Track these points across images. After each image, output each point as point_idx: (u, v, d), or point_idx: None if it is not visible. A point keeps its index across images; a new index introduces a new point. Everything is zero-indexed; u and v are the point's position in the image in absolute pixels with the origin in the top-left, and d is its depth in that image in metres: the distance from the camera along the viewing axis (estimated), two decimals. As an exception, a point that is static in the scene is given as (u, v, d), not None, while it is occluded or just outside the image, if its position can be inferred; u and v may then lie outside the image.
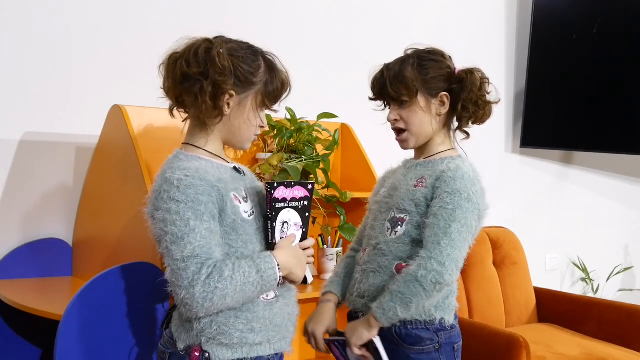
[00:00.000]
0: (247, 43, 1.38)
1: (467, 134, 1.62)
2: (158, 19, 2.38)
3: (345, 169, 2.48)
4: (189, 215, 1.23)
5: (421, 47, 1.61)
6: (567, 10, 3.45)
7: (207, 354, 1.29)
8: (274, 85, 1.37)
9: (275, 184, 1.35)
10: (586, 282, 3.73)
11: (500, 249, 2.85)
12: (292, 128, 2.19)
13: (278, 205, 1.36)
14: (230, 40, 1.37)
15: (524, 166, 3.59)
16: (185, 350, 1.31)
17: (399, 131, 1.59)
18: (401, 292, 1.43)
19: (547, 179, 3.68)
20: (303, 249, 1.40)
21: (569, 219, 3.73)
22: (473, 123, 1.60)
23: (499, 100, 1.60)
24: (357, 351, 1.49)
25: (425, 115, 1.55)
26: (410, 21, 3.11)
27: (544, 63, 3.44)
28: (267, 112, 1.44)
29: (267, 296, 1.34)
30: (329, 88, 2.82)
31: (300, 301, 1.52)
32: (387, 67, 1.58)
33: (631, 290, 3.92)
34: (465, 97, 1.54)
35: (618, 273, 3.78)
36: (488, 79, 1.58)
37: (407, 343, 1.50)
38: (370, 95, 1.63)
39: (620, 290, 3.89)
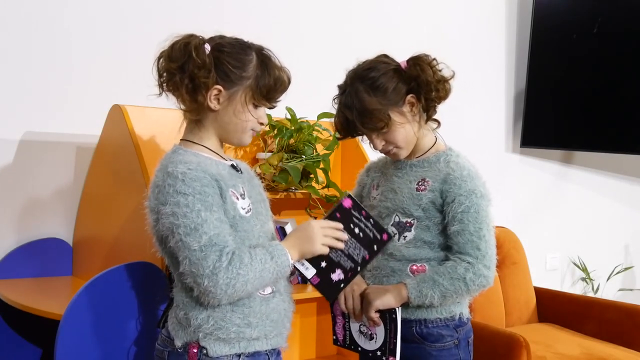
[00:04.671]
0: (240, 39, 1.37)
1: (438, 122, 1.61)
2: (158, 19, 2.38)
3: (345, 169, 2.48)
4: (199, 206, 1.24)
5: (356, 66, 1.56)
6: (567, 10, 3.44)
7: (205, 350, 1.30)
8: (265, 80, 1.35)
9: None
10: (586, 281, 3.73)
11: (500, 249, 2.84)
12: (292, 128, 2.19)
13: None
14: (223, 37, 1.37)
15: (524, 166, 3.59)
16: (183, 348, 1.32)
17: (387, 150, 1.58)
18: (444, 285, 1.47)
19: (547, 179, 3.68)
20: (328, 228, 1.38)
21: (569, 218, 3.73)
22: (437, 104, 1.56)
23: (454, 73, 1.55)
24: (373, 314, 1.50)
25: (406, 125, 1.54)
26: (410, 22, 3.11)
27: (544, 63, 3.43)
28: (266, 111, 1.44)
29: (263, 291, 1.35)
30: (329, 88, 2.81)
31: (300, 301, 1.52)
32: (345, 107, 1.53)
33: (631, 290, 3.92)
34: (425, 90, 1.52)
35: (618, 273, 3.78)
36: (435, 59, 1.55)
37: (428, 341, 1.53)
38: (338, 135, 1.60)
39: (620, 290, 3.89)
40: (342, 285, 1.41)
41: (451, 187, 1.50)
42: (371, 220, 1.41)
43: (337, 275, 1.39)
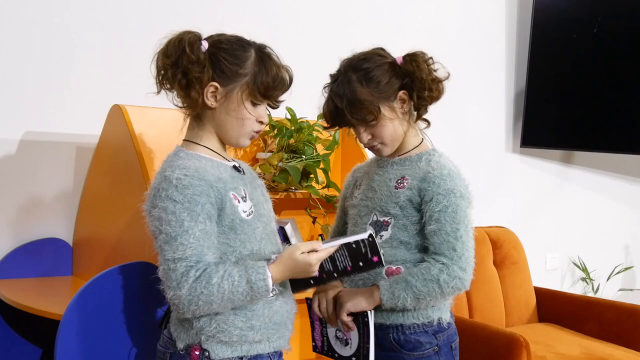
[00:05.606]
0: (240, 37, 1.36)
1: (428, 122, 1.58)
2: (158, 19, 2.38)
3: (345, 169, 2.48)
4: (184, 216, 1.23)
5: (351, 56, 1.55)
6: (567, 10, 3.44)
7: (207, 352, 1.29)
8: (263, 78, 1.33)
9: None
10: (586, 281, 3.73)
11: (500, 249, 2.85)
12: (293, 128, 2.19)
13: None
14: (222, 34, 1.36)
15: (524, 166, 3.59)
16: (185, 350, 1.31)
17: (372, 146, 1.55)
18: (417, 287, 1.42)
19: (547, 179, 3.68)
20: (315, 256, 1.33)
21: (569, 218, 3.73)
22: (429, 104, 1.54)
23: (449, 74, 1.53)
24: (345, 317, 1.46)
25: (394, 121, 1.51)
26: (410, 21, 3.11)
27: (544, 63, 3.43)
28: (265, 121, 1.41)
29: None
30: (329, 88, 2.82)
31: (301, 301, 1.52)
32: (336, 95, 1.49)
33: (631, 290, 3.92)
34: (419, 88, 1.49)
35: (618, 273, 3.78)
36: (431, 57, 1.53)
37: (406, 349, 1.48)
38: (325, 124, 1.57)
39: (620, 290, 3.89)
40: (312, 281, 1.35)
41: (430, 186, 1.46)
42: (370, 239, 1.35)
43: None
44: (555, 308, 2.86)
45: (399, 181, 1.51)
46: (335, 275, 1.36)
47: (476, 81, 3.33)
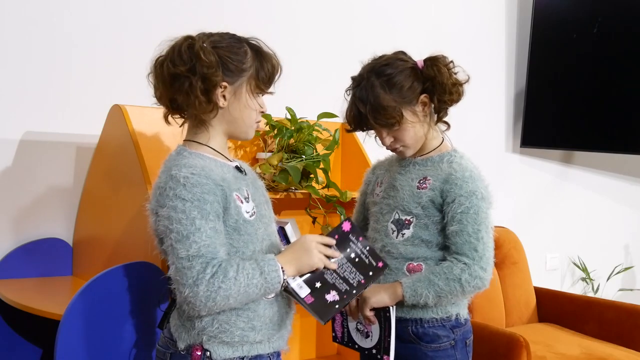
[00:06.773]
0: (228, 33, 1.38)
1: (448, 124, 1.62)
2: (158, 19, 2.38)
3: (345, 169, 2.48)
4: (195, 214, 1.23)
5: (372, 60, 1.57)
6: (567, 10, 3.44)
7: (209, 353, 1.30)
8: (265, 69, 1.36)
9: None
10: (586, 281, 3.73)
11: (500, 249, 2.85)
12: (293, 128, 2.18)
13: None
14: (211, 34, 1.37)
15: (524, 166, 3.59)
16: (186, 350, 1.32)
17: (395, 148, 1.59)
18: (439, 285, 1.47)
19: (547, 179, 3.68)
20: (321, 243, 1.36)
21: (570, 218, 3.73)
22: (449, 106, 1.58)
23: (468, 78, 1.58)
24: (368, 312, 1.51)
25: (416, 124, 1.55)
26: (410, 21, 3.11)
27: (544, 63, 3.43)
28: (266, 110, 1.44)
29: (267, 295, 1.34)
30: (329, 88, 2.82)
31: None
32: (359, 100, 1.52)
33: (631, 290, 3.92)
34: (440, 92, 1.53)
35: (618, 273, 3.78)
36: (452, 61, 1.57)
37: (424, 341, 1.53)
38: (348, 128, 1.61)
39: (620, 290, 3.89)
40: (336, 306, 1.38)
41: (452, 187, 1.51)
42: (367, 247, 1.41)
43: (331, 296, 1.38)
44: (555, 308, 2.86)
45: (421, 181, 1.55)
46: (354, 292, 1.40)
47: (476, 81, 3.32)
